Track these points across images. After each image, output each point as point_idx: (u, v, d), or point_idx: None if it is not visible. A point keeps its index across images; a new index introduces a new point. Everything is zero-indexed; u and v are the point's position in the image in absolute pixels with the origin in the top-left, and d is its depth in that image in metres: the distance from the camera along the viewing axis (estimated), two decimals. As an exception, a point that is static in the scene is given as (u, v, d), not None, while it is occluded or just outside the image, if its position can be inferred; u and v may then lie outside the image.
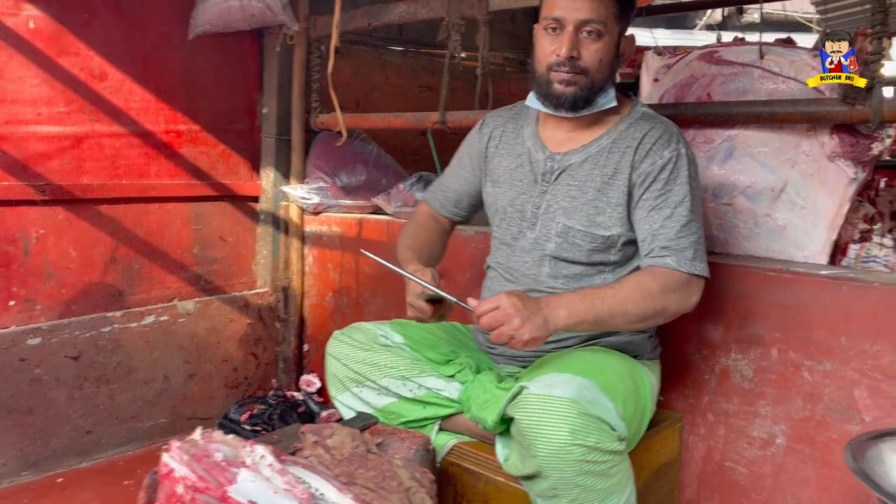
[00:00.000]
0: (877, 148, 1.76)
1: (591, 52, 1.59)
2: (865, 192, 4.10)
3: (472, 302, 1.50)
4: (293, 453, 1.47)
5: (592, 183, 1.66)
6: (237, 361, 2.91)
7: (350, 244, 2.85)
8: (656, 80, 2.14)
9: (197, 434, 1.35)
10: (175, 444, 1.30)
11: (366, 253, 1.70)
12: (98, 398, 2.52)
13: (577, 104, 1.63)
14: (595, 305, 1.49)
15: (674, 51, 2.18)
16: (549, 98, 1.65)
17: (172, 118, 2.74)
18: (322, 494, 1.30)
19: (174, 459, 1.26)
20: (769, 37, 2.14)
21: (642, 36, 2.33)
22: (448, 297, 1.57)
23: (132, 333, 2.59)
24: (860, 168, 1.81)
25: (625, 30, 1.66)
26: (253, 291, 2.98)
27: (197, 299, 2.81)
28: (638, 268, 1.66)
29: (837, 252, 2.04)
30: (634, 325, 1.58)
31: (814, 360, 1.72)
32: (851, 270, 1.74)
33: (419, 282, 1.61)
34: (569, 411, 1.36)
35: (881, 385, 1.62)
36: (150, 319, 2.64)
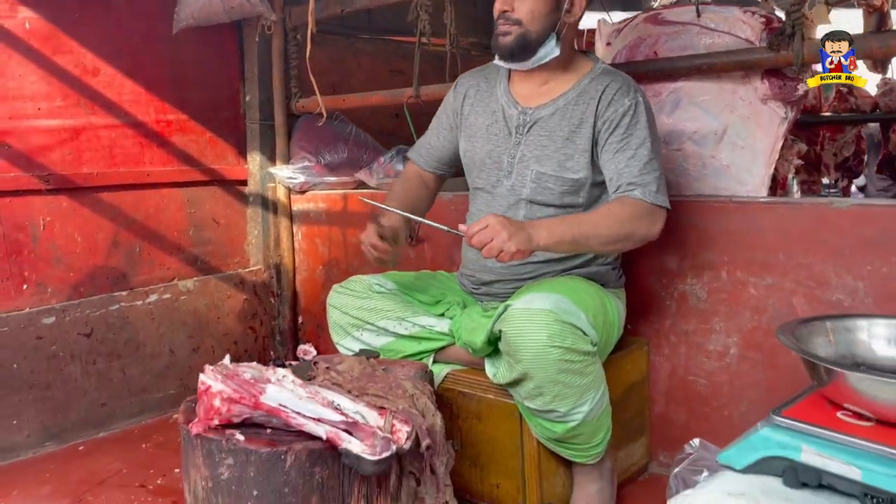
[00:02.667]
0: (802, 88, 2.00)
1: (524, 4, 1.79)
2: (812, 148, 4.40)
3: (461, 227, 1.68)
4: (309, 380, 1.67)
5: (561, 132, 1.87)
6: (237, 335, 3.10)
7: (337, 219, 3.04)
8: (609, 44, 2.37)
9: (226, 359, 1.55)
10: (209, 367, 1.50)
11: (364, 199, 2.00)
12: (111, 372, 2.69)
13: (514, 52, 1.83)
14: (572, 228, 1.70)
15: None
16: (496, 49, 1.86)
17: (162, 108, 2.92)
18: (339, 405, 1.51)
19: (210, 378, 1.46)
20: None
21: (598, 18, 2.58)
22: (438, 226, 1.73)
23: (138, 311, 2.77)
24: (789, 108, 2.05)
25: None
26: (247, 270, 3.17)
27: (196, 278, 2.99)
28: None
29: (777, 187, 2.29)
30: (607, 247, 1.78)
31: (757, 277, 1.96)
32: (785, 198, 1.98)
33: (416, 218, 1.85)
34: (546, 319, 1.59)
35: (815, 291, 1.87)
36: (153, 297, 2.82)
